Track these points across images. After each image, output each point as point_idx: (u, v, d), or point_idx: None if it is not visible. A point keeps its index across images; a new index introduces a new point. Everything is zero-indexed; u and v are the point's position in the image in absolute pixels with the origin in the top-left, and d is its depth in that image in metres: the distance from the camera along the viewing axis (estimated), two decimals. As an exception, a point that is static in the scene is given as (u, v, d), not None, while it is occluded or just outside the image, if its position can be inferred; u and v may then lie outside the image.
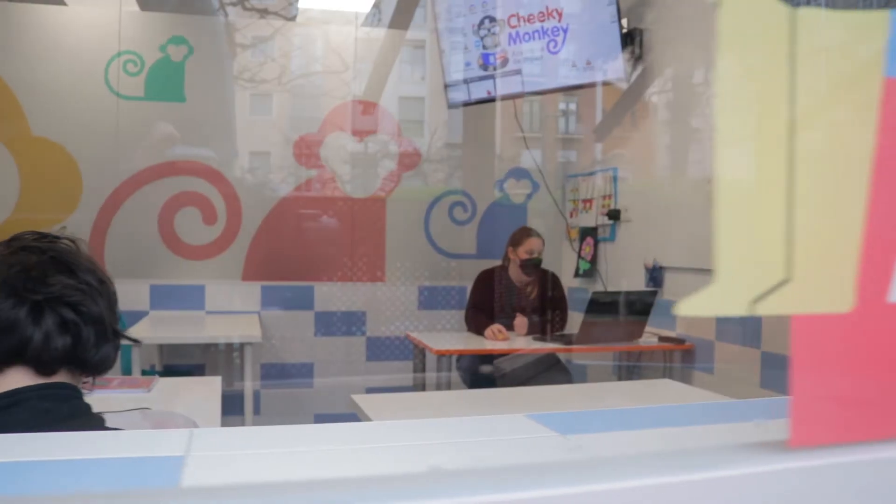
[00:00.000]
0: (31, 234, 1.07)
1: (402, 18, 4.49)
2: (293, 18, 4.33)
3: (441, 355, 3.19)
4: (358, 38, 4.32)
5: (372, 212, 4.29)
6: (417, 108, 4.70)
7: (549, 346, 3.38)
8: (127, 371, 3.28)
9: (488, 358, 3.57)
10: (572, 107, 4.60)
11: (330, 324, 4.25)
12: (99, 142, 4.01)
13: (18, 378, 0.99)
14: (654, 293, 3.45)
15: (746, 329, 3.12)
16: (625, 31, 3.71)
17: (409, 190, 4.35)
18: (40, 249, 1.02)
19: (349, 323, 4.28)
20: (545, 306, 3.72)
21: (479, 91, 4.13)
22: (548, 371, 3.78)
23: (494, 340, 3.40)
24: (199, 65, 4.10)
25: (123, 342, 1.12)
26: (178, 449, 0.63)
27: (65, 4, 4.03)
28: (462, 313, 4.39)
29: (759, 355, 3.06)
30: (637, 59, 3.85)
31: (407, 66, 4.72)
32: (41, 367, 0.98)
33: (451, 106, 4.23)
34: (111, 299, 1.07)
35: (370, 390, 4.32)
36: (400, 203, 4.32)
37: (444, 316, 4.38)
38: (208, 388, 2.37)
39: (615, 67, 3.75)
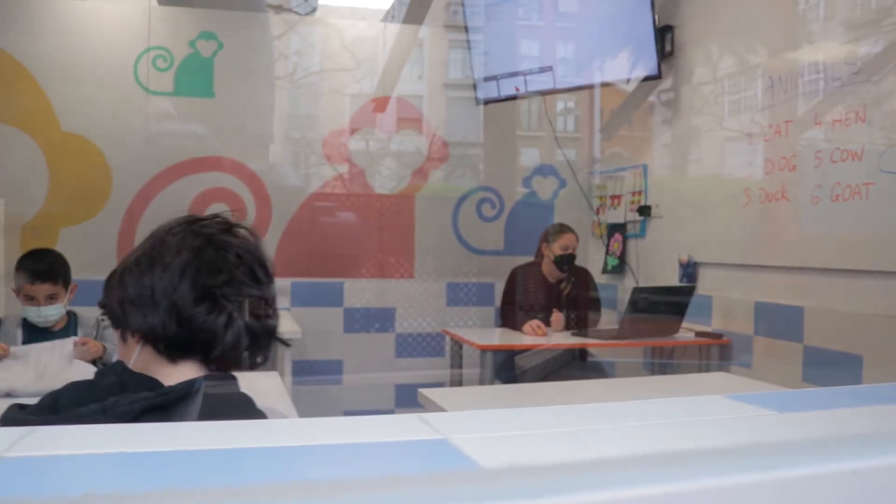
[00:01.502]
0: (215, 223, 1.05)
1: (418, 13, 4.48)
2: (312, 12, 4.31)
3: (484, 351, 3.19)
4: (387, 35, 4.32)
5: (401, 208, 4.28)
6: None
7: (589, 342, 3.39)
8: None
9: (521, 353, 3.57)
10: (601, 104, 4.61)
11: (359, 320, 4.25)
12: (128, 137, 3.99)
13: (189, 369, 1.00)
14: (692, 289, 3.46)
15: (787, 323, 3.13)
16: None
17: (437, 186, 4.35)
18: (237, 253, 1.02)
19: (378, 319, 4.27)
20: (579, 302, 3.73)
21: (508, 88, 4.14)
22: (566, 367, 3.79)
23: (534, 336, 3.40)
24: (228, 60, 4.09)
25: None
26: (432, 433, 0.63)
27: None
28: (490, 310, 4.41)
29: (801, 349, 3.07)
30: (668, 55, 3.86)
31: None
32: (211, 361, 1.00)
33: (480, 102, 4.23)
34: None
35: (400, 387, 4.32)
36: (428, 199, 4.31)
37: (473, 312, 4.39)
38: (270, 383, 2.37)
39: (648, 64, 3.77)
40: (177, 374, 1.00)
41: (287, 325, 3.58)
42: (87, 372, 2.20)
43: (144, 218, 4.00)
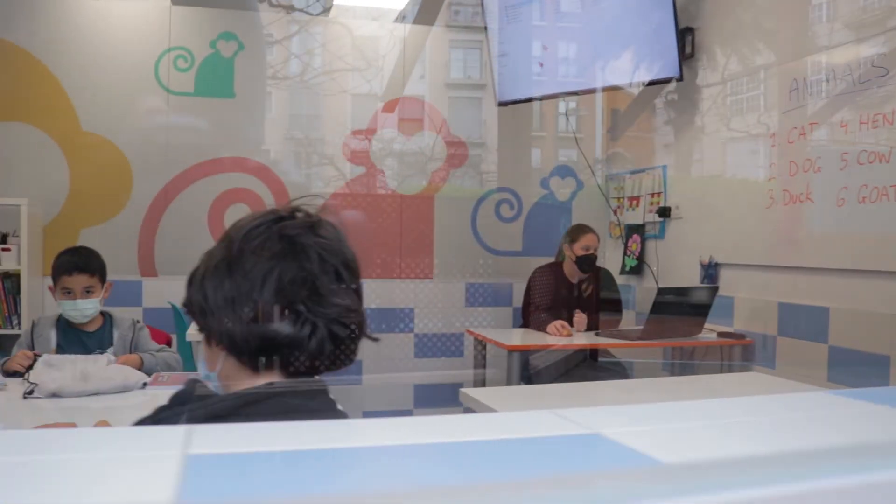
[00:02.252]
0: (299, 222, 0.99)
1: (430, 14, 4.49)
2: (326, 12, 4.31)
3: (512, 351, 3.20)
4: (407, 36, 4.33)
5: (420, 209, 4.29)
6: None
7: (614, 342, 3.40)
8: (193, 367, 3.26)
9: (535, 353, 3.58)
10: (619, 105, 4.62)
11: (378, 321, 4.25)
12: (149, 137, 3.99)
13: (273, 376, 0.98)
14: (715, 289, 3.48)
15: (812, 323, 3.15)
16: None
17: (456, 187, 4.36)
18: (320, 256, 0.97)
19: (397, 319, 4.28)
20: (600, 302, 3.74)
21: (526, 90, 4.16)
22: (579, 367, 3.80)
23: (559, 336, 3.41)
24: (248, 61, 4.09)
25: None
26: (579, 428, 0.64)
27: None
28: (508, 310, 4.42)
29: (826, 350, 3.09)
30: (688, 57, 3.88)
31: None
32: (293, 368, 0.98)
33: (501, 104, 4.25)
34: None
35: (419, 388, 4.33)
36: (447, 200, 4.33)
37: (491, 313, 4.40)
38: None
39: (670, 66, 3.78)
40: (259, 382, 0.99)
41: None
42: (126, 372, 2.20)
43: (165, 218, 4.00)
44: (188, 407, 0.96)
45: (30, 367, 2.20)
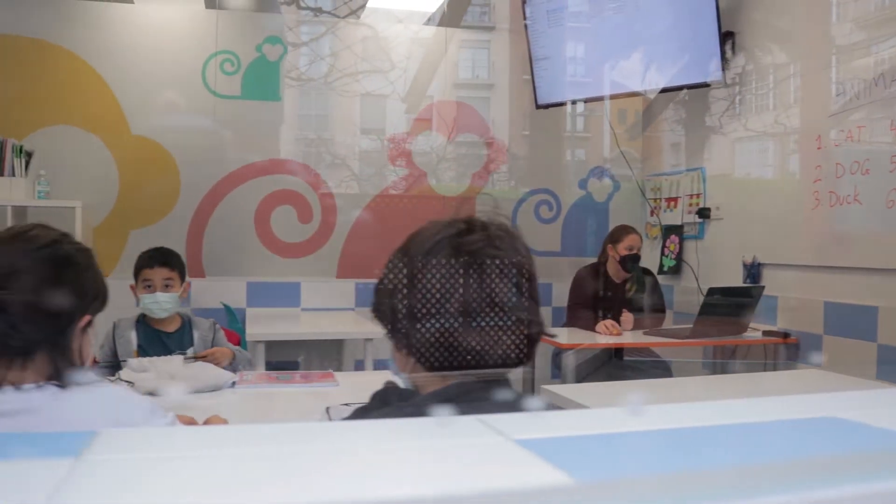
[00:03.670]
0: (478, 237, 1.02)
1: (457, 16, 4.54)
2: (356, 13, 4.36)
3: (566, 350, 3.26)
4: (447, 38, 4.39)
5: (462, 210, 4.34)
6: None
7: (663, 342, 3.46)
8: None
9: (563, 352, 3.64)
10: (658, 107, 4.68)
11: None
12: (196, 140, 4.05)
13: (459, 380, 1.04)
14: (761, 289, 3.54)
15: (860, 322, 3.21)
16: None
17: (496, 189, 4.42)
18: (500, 269, 1.00)
19: (439, 319, 4.33)
20: (644, 302, 3.80)
21: (568, 92, 4.22)
22: (605, 365, 3.86)
23: (608, 335, 3.47)
24: (294, 64, 4.15)
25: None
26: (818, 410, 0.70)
27: (132, 3, 4.05)
28: (548, 310, 4.47)
29: (874, 348, 3.15)
30: (730, 60, 3.94)
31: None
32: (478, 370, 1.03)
33: (539, 107, 4.30)
34: None
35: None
36: (489, 201, 4.38)
37: (531, 312, 4.45)
38: (380, 381, 2.42)
39: (712, 69, 3.84)
40: (449, 382, 1.04)
41: (363, 325, 3.65)
42: (212, 371, 2.26)
43: (212, 220, 4.06)
44: (394, 404, 1.02)
45: (113, 368, 2.26)
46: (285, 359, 4.12)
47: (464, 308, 1.00)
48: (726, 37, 3.91)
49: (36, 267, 1.06)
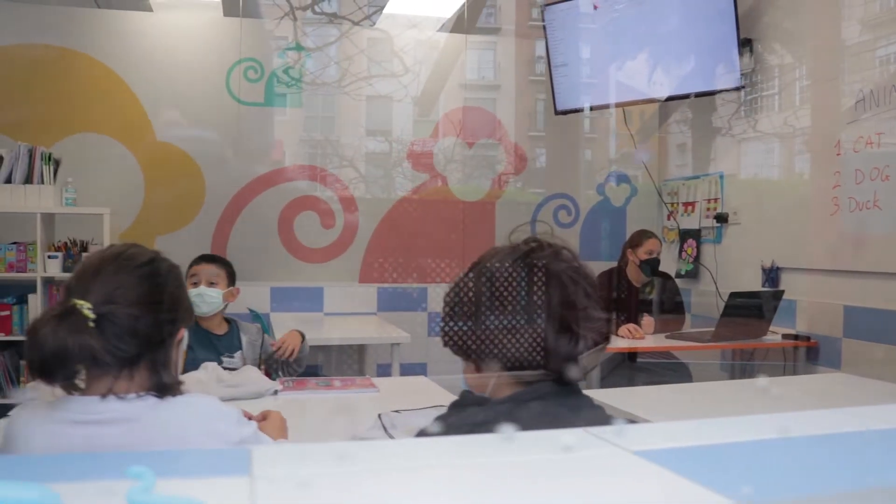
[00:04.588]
0: (547, 253, 1.08)
1: (472, 21, 4.59)
2: (371, 20, 4.41)
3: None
4: (469, 44, 4.44)
5: (482, 215, 4.40)
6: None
7: (685, 345, 3.51)
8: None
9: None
10: (675, 113, 4.73)
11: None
12: (221, 147, 4.10)
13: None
14: (781, 293, 3.59)
15: (880, 326, 3.25)
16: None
17: (516, 193, 4.47)
18: (571, 278, 1.06)
19: (460, 323, 4.38)
20: (664, 306, 3.85)
21: (586, 98, 4.26)
22: (618, 368, 3.91)
23: (630, 339, 3.52)
24: (316, 72, 4.20)
25: None
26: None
27: (151, 10, 4.10)
28: (566, 313, 4.52)
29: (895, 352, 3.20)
30: (748, 66, 3.99)
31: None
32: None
33: (559, 112, 4.35)
34: None
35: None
36: (508, 206, 4.44)
37: (550, 316, 4.50)
38: (422, 386, 2.48)
39: (731, 76, 3.89)
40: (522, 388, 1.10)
41: (390, 330, 3.70)
42: (254, 379, 2.31)
43: (237, 225, 4.11)
44: (470, 412, 1.07)
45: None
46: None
47: (548, 322, 1.06)
48: (744, 43, 3.96)
49: (140, 284, 1.12)
